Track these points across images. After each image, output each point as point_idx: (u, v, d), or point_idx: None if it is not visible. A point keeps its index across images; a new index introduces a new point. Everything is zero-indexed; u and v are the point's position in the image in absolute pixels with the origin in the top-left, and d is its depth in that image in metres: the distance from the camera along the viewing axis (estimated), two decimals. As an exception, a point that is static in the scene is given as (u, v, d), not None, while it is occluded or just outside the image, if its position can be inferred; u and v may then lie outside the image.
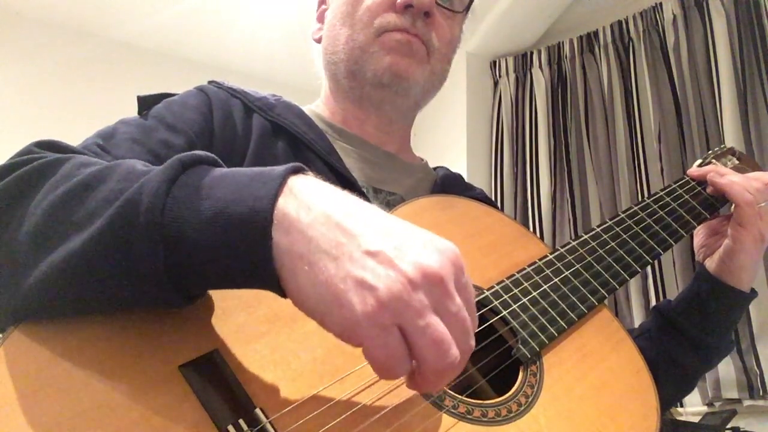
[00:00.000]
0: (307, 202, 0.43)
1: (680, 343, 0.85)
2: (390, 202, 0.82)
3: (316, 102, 0.94)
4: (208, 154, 0.49)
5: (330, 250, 0.41)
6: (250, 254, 0.42)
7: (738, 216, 0.82)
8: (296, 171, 0.46)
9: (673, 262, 2.06)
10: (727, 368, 1.85)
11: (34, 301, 0.45)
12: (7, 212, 0.48)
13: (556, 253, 0.73)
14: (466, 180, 1.00)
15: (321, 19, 0.92)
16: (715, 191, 0.86)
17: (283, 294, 0.43)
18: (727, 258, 0.84)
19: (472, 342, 0.43)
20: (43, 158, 0.52)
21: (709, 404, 1.88)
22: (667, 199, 0.84)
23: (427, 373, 0.41)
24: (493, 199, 1.22)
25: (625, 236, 0.77)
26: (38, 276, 0.45)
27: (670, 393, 0.87)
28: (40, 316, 0.46)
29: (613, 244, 0.76)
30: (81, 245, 0.44)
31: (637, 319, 2.12)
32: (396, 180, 0.86)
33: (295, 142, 0.79)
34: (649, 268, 2.12)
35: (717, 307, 0.85)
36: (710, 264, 0.87)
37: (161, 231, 0.42)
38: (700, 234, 0.90)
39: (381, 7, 0.81)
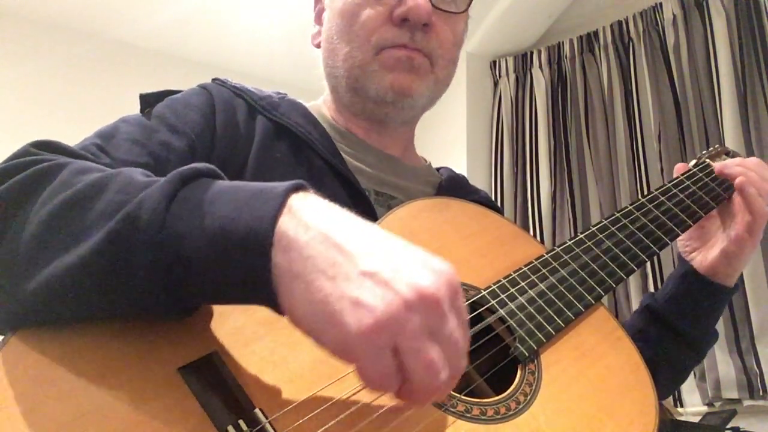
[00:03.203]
0: (305, 220, 0.43)
1: (676, 341, 0.87)
2: (391, 206, 0.81)
3: (322, 98, 0.92)
4: (208, 166, 0.49)
5: (327, 270, 0.41)
6: (249, 274, 0.42)
7: (750, 226, 0.83)
8: (297, 189, 0.46)
9: (673, 262, 2.06)
10: (727, 368, 1.85)
11: (33, 308, 0.46)
12: (6, 218, 0.48)
13: (552, 252, 0.73)
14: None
15: (319, 20, 0.90)
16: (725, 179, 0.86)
17: (280, 311, 0.43)
18: (725, 260, 0.85)
19: (464, 363, 0.44)
20: (41, 162, 0.52)
21: (709, 404, 1.88)
22: (662, 198, 0.84)
23: (415, 392, 0.42)
24: (493, 199, 1.21)
25: (621, 235, 0.77)
26: (37, 285, 0.45)
27: (666, 389, 0.92)
28: (38, 322, 0.46)
29: (609, 243, 0.76)
30: (79, 259, 0.44)
31: (637, 318, 2.11)
32: (398, 184, 0.85)
33: (298, 143, 0.79)
34: (649, 268, 2.12)
35: (708, 304, 0.87)
36: (700, 261, 0.87)
37: (160, 248, 0.43)
38: None
39: (377, 21, 0.78)
